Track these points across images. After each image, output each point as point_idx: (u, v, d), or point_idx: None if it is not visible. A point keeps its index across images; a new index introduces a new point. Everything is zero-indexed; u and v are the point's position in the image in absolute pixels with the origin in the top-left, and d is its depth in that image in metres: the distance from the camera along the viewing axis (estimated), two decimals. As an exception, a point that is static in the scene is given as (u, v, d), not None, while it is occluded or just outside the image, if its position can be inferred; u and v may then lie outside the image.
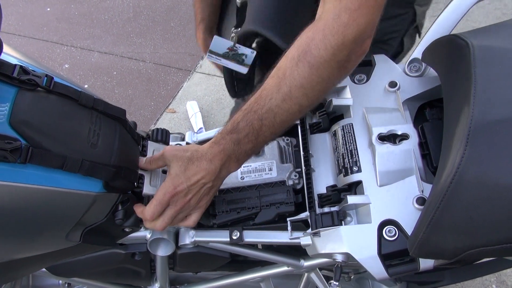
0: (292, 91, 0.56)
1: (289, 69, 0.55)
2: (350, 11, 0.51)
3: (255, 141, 0.60)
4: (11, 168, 0.51)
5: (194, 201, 0.63)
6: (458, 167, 0.45)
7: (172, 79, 2.30)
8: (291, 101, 0.56)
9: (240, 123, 0.59)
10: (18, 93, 0.54)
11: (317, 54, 0.53)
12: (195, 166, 0.61)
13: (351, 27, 0.51)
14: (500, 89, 0.46)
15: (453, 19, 0.67)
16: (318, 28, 0.53)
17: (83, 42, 2.56)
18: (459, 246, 0.47)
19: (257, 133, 0.59)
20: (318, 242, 0.64)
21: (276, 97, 0.56)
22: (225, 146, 0.60)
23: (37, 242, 0.61)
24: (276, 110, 0.57)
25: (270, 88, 0.57)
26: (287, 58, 0.56)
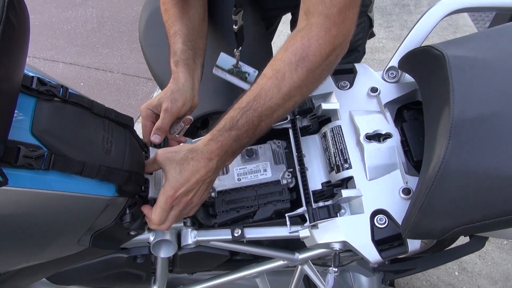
0: (291, 91, 0.63)
1: (288, 72, 0.62)
2: (337, 25, 0.61)
3: (252, 136, 0.65)
4: (34, 175, 0.53)
5: (196, 198, 0.67)
6: (443, 159, 0.53)
7: (142, 89, 2.30)
8: (289, 99, 0.63)
9: (240, 121, 0.63)
10: (37, 103, 0.57)
11: (314, 60, 0.62)
12: (191, 166, 0.63)
13: (339, 37, 0.62)
14: (474, 91, 0.55)
15: (424, 31, 0.76)
16: (313, 37, 0.62)
17: (46, 53, 2.51)
18: (446, 225, 0.55)
19: (255, 128, 0.64)
20: (317, 234, 0.71)
21: (276, 96, 0.62)
22: (223, 142, 0.64)
23: (52, 247, 0.63)
24: (275, 108, 0.63)
25: (270, 89, 0.63)
26: (284, 63, 0.63)
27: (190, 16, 0.84)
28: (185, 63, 0.80)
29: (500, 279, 1.51)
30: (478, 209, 0.53)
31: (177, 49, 0.80)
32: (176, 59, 0.80)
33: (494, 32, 0.66)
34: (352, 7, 0.61)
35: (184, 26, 0.82)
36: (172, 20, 0.83)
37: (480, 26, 2.55)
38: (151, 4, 1.08)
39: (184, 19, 0.83)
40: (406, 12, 2.65)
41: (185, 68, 0.79)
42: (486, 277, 1.52)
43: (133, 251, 0.81)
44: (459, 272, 1.54)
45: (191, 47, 0.81)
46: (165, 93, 0.77)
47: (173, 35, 0.82)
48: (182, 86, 0.78)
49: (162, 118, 0.75)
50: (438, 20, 0.76)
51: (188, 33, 0.82)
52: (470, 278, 1.52)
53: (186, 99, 0.77)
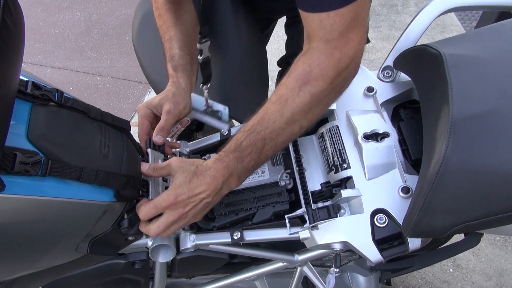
0: (294, 115, 0.62)
1: (291, 97, 0.62)
2: (340, 48, 0.59)
3: (257, 159, 0.65)
4: (31, 182, 0.52)
5: (191, 214, 0.66)
6: (444, 156, 0.54)
7: (132, 93, 2.28)
8: (293, 123, 0.63)
9: (243, 143, 0.64)
10: (32, 108, 0.55)
11: (316, 84, 0.61)
12: (199, 180, 0.64)
13: (343, 60, 0.60)
14: (472, 89, 0.56)
15: (418, 31, 0.77)
16: (314, 62, 0.61)
17: (33, 57, 2.47)
18: (447, 223, 0.56)
19: (259, 152, 0.64)
20: (317, 234, 0.70)
21: (279, 120, 0.62)
22: (228, 163, 0.64)
23: (49, 255, 0.62)
24: (279, 132, 0.63)
25: (273, 113, 0.63)
26: (287, 88, 0.63)
27: (183, 21, 0.84)
28: (183, 68, 0.80)
29: (494, 275, 1.53)
30: (480, 206, 0.53)
31: (174, 54, 0.81)
32: (174, 64, 0.80)
33: (488, 30, 0.66)
34: (354, 28, 0.59)
35: (179, 32, 0.82)
36: (166, 25, 0.83)
37: (467, 25, 2.58)
38: (144, 6, 1.07)
39: (178, 24, 0.83)
40: (394, 12, 2.68)
41: (184, 73, 0.80)
42: (480, 273, 1.53)
43: (131, 256, 0.80)
44: (453, 269, 1.55)
45: (188, 52, 0.82)
46: (166, 95, 0.77)
47: (169, 40, 0.82)
48: (183, 91, 0.78)
49: (165, 120, 0.75)
50: (432, 19, 0.76)
51: (184, 38, 0.82)
52: (464, 274, 1.54)
53: (187, 103, 0.79)
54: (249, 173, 0.67)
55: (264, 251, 0.82)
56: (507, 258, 1.56)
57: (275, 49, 2.29)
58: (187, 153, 0.88)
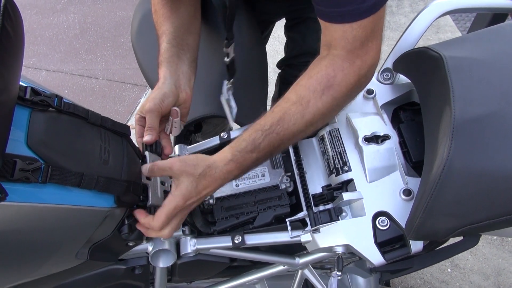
0: (314, 118, 0.63)
1: (313, 99, 0.63)
2: (361, 57, 0.62)
3: (268, 156, 0.66)
4: (31, 189, 0.52)
5: (195, 206, 0.67)
6: (446, 159, 0.54)
7: (128, 95, 2.27)
8: (311, 125, 0.64)
9: (262, 144, 0.63)
10: (31, 114, 0.55)
11: (339, 89, 0.63)
12: (206, 181, 0.64)
13: (363, 68, 0.63)
14: (474, 92, 0.56)
15: (417, 33, 0.77)
16: (338, 67, 0.62)
17: (28, 60, 2.45)
18: (450, 226, 0.56)
19: (274, 151, 0.65)
20: (319, 238, 0.70)
21: (300, 122, 0.63)
22: (243, 163, 0.64)
23: (49, 262, 0.61)
24: (296, 133, 0.64)
25: (294, 114, 0.63)
26: (309, 90, 0.63)
27: (179, 14, 0.84)
28: (167, 61, 0.79)
29: (492, 274, 1.53)
30: (483, 208, 0.53)
31: (161, 49, 0.80)
32: (160, 60, 0.80)
33: (488, 33, 0.67)
34: (374, 38, 0.61)
35: (171, 25, 0.82)
36: (160, 21, 0.83)
37: (461, 26, 2.60)
38: (144, 6, 1.07)
39: (172, 18, 0.83)
40: (388, 13, 2.69)
41: (166, 66, 0.78)
42: (478, 272, 1.54)
43: (131, 262, 0.79)
44: (451, 269, 1.56)
45: (175, 44, 0.80)
46: (150, 95, 0.76)
47: (160, 36, 0.82)
48: (162, 84, 0.76)
49: (148, 118, 0.74)
50: (431, 21, 0.76)
51: (174, 31, 0.81)
52: (462, 274, 1.54)
53: (164, 95, 0.75)
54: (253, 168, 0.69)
55: (265, 254, 0.82)
56: (504, 257, 1.57)
57: (271, 50, 2.29)
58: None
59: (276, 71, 1.30)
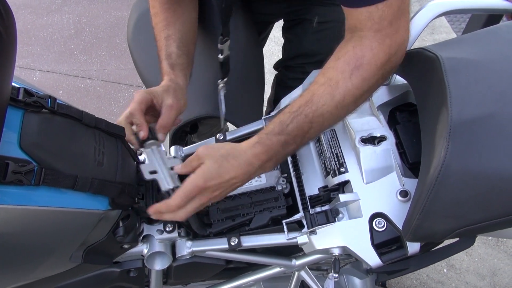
0: (345, 99, 0.61)
1: (342, 80, 0.60)
2: (390, 36, 0.60)
3: (299, 143, 0.63)
4: (24, 191, 0.51)
5: (219, 196, 0.63)
6: (443, 160, 0.53)
7: (123, 96, 2.26)
8: (342, 108, 0.62)
9: (290, 125, 0.61)
10: (24, 116, 0.54)
11: (369, 68, 0.60)
12: (230, 164, 0.60)
13: (393, 47, 0.61)
14: (471, 93, 0.56)
15: (414, 34, 0.77)
16: (366, 47, 0.60)
17: (22, 60, 2.43)
18: (448, 228, 0.56)
19: (304, 135, 0.62)
20: (315, 239, 0.70)
21: (330, 103, 0.61)
22: (270, 147, 0.61)
23: (43, 266, 0.60)
24: (327, 116, 0.61)
25: (323, 95, 0.61)
26: (338, 71, 0.61)
27: (183, 21, 0.83)
28: (181, 68, 0.79)
29: (488, 274, 1.54)
30: (480, 210, 0.53)
31: (171, 52, 0.79)
32: (171, 62, 0.78)
33: (485, 34, 0.66)
34: (402, 15, 0.60)
35: (177, 31, 0.81)
36: (164, 24, 0.82)
37: (456, 27, 2.61)
38: (140, 6, 1.06)
39: (177, 24, 0.82)
40: (384, 14, 2.69)
41: (181, 73, 0.78)
42: (474, 273, 1.54)
43: (126, 264, 0.78)
44: (447, 269, 1.56)
45: (185, 52, 0.80)
46: (167, 89, 0.74)
47: (166, 38, 0.81)
48: (181, 88, 0.76)
49: (168, 116, 0.72)
50: (427, 22, 0.76)
51: (182, 38, 0.81)
52: (458, 274, 1.54)
53: (185, 100, 0.76)
54: (285, 158, 0.66)
55: (261, 256, 0.81)
56: (499, 258, 1.57)
57: (267, 51, 2.28)
58: (182, 157, 0.87)
59: (271, 72, 1.30)
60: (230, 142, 0.64)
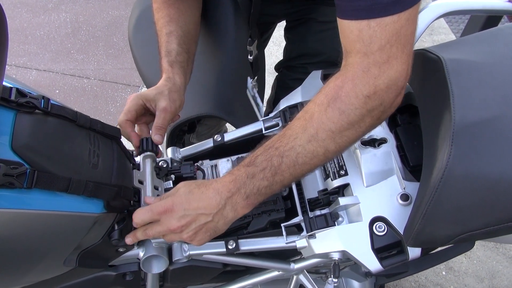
0: (318, 133, 0.55)
1: (317, 112, 0.55)
2: (379, 65, 0.51)
3: (271, 179, 0.58)
4: (16, 194, 0.50)
5: (186, 233, 0.61)
6: (446, 165, 0.52)
7: (121, 96, 2.24)
8: (316, 143, 0.56)
9: (259, 157, 0.58)
10: (16, 117, 0.53)
11: (347, 101, 0.53)
12: (200, 192, 0.59)
13: (381, 78, 0.52)
14: (474, 95, 0.55)
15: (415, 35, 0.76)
16: (347, 77, 0.54)
17: (18, 59, 2.41)
18: (451, 233, 0.54)
19: (275, 170, 0.57)
20: (314, 244, 0.69)
21: (301, 137, 0.56)
22: (237, 176, 0.58)
23: (36, 270, 0.59)
24: (299, 150, 0.56)
25: (296, 129, 0.57)
26: (315, 104, 0.56)
27: (186, 18, 0.82)
28: (180, 66, 0.78)
29: (486, 277, 1.53)
30: (484, 215, 0.52)
31: (172, 49, 0.78)
32: (171, 60, 0.78)
33: (487, 35, 0.66)
34: (398, 43, 0.51)
35: (179, 28, 0.80)
36: (166, 20, 0.81)
37: (455, 28, 2.61)
38: (143, 2, 1.05)
39: (180, 21, 0.81)
40: (383, 14, 2.68)
41: (180, 70, 0.78)
42: (472, 275, 1.54)
43: (121, 268, 0.77)
44: (446, 272, 1.55)
45: (186, 50, 0.80)
46: (161, 91, 0.74)
47: (168, 34, 0.80)
48: (178, 88, 0.76)
49: (162, 118, 0.72)
50: (428, 23, 0.75)
51: (184, 36, 0.80)
52: (457, 277, 1.54)
53: (182, 100, 0.76)
54: (260, 196, 0.60)
55: (259, 260, 0.80)
56: (498, 260, 1.57)
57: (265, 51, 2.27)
58: (179, 159, 0.85)
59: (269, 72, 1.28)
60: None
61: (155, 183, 0.73)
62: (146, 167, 0.71)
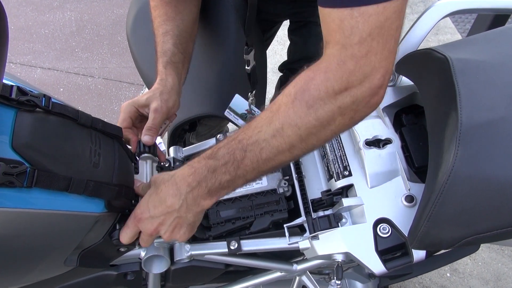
0: (284, 128, 0.51)
1: (284, 105, 0.51)
2: (356, 59, 0.46)
3: (233, 173, 0.55)
4: (15, 194, 0.49)
5: (164, 232, 0.60)
6: (452, 166, 0.51)
7: (125, 94, 2.24)
8: (281, 138, 0.52)
9: (221, 150, 0.55)
10: (17, 115, 0.52)
11: (316, 95, 0.49)
12: (160, 191, 0.58)
13: (356, 74, 0.47)
14: (481, 96, 0.54)
15: (421, 34, 0.75)
16: (320, 69, 0.49)
17: (23, 58, 2.42)
18: (456, 236, 0.53)
19: (237, 164, 0.54)
20: (317, 245, 0.68)
21: (266, 130, 0.52)
22: (197, 170, 0.56)
23: (36, 269, 0.59)
24: (263, 145, 0.53)
25: (261, 121, 0.53)
26: (284, 94, 0.52)
27: (183, 16, 0.81)
28: (175, 66, 0.78)
29: (491, 279, 1.51)
30: (490, 218, 0.51)
31: (167, 49, 0.78)
32: (165, 60, 0.77)
33: (494, 35, 0.64)
34: (380, 38, 0.46)
35: (176, 28, 0.79)
36: (163, 19, 0.80)
37: (461, 28, 2.58)
38: (140, 0, 1.04)
39: (176, 20, 0.80)
40: (389, 14, 2.66)
41: (174, 71, 0.77)
42: (477, 277, 1.52)
43: (123, 267, 0.76)
44: (450, 274, 1.54)
45: (182, 50, 0.79)
46: (153, 93, 0.74)
47: (164, 34, 0.79)
48: (171, 89, 0.76)
49: (153, 118, 0.72)
50: (434, 22, 0.74)
51: (180, 35, 0.79)
52: (461, 279, 1.52)
53: (175, 101, 0.76)
54: (222, 190, 0.57)
55: (261, 260, 0.79)
56: (504, 262, 1.55)
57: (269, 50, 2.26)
58: (181, 159, 0.85)
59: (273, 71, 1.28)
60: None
61: None
62: (144, 169, 0.70)
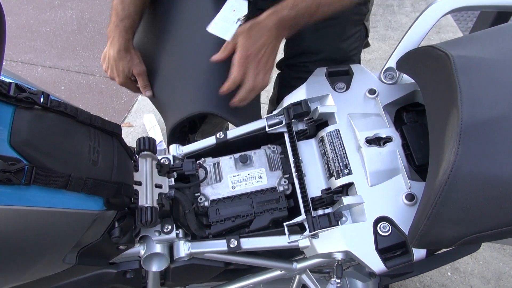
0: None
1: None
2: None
3: (309, 19, 0.78)
4: (13, 191, 0.49)
5: (264, 59, 0.78)
6: (453, 164, 0.51)
7: (125, 92, 2.23)
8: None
9: (301, 4, 0.76)
10: (15, 112, 0.52)
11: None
12: (255, 32, 0.77)
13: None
14: (482, 93, 0.53)
15: (422, 31, 0.74)
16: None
17: (24, 56, 2.42)
18: (457, 235, 0.53)
19: (311, 14, 0.77)
20: (317, 243, 0.67)
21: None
22: (282, 18, 0.77)
23: (35, 268, 0.58)
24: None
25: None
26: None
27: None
28: (132, 31, 0.95)
29: (492, 278, 1.51)
30: (491, 216, 0.51)
31: (119, 10, 0.93)
32: (120, 22, 0.93)
33: (496, 32, 0.64)
34: None
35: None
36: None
37: (463, 26, 2.57)
38: None
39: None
40: (390, 12, 2.66)
41: (132, 35, 0.96)
42: (478, 276, 1.52)
43: (122, 265, 0.76)
44: (451, 273, 1.53)
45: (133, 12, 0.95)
46: (131, 58, 0.96)
47: None
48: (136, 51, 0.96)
49: (143, 79, 0.97)
50: (437, 19, 0.74)
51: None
52: (463, 278, 1.52)
53: (138, 55, 0.97)
54: (299, 27, 0.81)
55: (261, 259, 0.79)
56: (505, 261, 1.54)
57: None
58: (181, 157, 0.84)
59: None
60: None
61: (157, 181, 0.72)
62: (143, 167, 0.70)
